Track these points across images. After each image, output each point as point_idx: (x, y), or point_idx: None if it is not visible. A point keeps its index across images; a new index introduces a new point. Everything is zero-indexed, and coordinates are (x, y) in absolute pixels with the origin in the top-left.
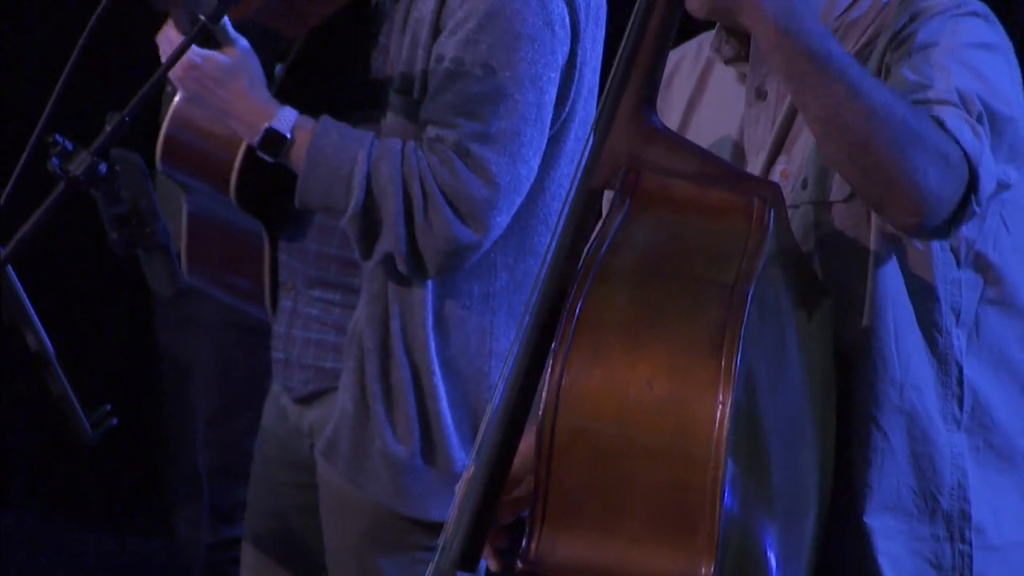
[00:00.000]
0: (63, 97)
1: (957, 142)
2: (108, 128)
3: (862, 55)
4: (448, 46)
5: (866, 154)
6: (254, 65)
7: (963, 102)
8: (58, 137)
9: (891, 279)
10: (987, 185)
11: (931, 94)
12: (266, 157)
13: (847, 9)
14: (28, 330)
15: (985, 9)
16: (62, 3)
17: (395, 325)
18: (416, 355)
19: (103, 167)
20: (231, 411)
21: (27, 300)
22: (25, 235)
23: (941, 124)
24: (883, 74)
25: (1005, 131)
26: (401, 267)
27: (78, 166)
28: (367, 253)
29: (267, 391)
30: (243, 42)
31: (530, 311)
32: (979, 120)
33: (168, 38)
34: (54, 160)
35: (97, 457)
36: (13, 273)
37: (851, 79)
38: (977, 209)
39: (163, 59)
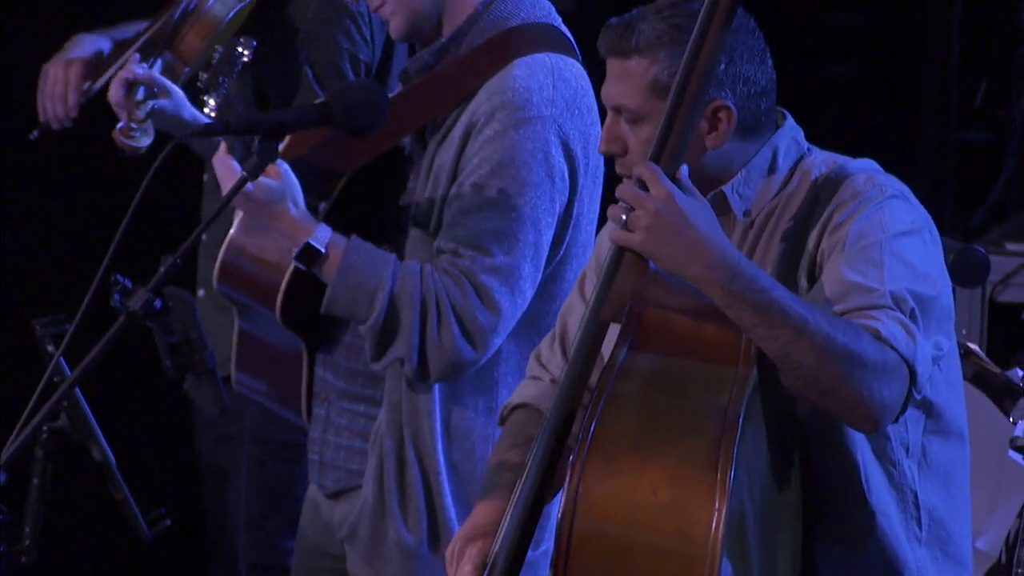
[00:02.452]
0: (122, 241)
1: (894, 348)
2: (162, 269)
3: (799, 228)
4: (464, 187)
5: (818, 382)
6: (294, 185)
7: (896, 304)
8: (119, 277)
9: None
10: (924, 375)
11: (869, 299)
12: (301, 266)
13: (783, 186)
14: (93, 444)
15: (902, 189)
16: (114, 159)
17: (408, 432)
18: (425, 459)
19: (158, 303)
20: (266, 515)
21: (92, 418)
22: (90, 362)
23: (877, 334)
24: (820, 258)
25: (933, 309)
26: (407, 372)
27: (136, 302)
28: (378, 357)
29: (298, 496)
30: (284, 165)
31: (547, 423)
32: (911, 316)
33: (223, 160)
34: (116, 297)
35: (151, 554)
36: (80, 395)
37: (794, 322)
38: (918, 396)
39: (219, 177)
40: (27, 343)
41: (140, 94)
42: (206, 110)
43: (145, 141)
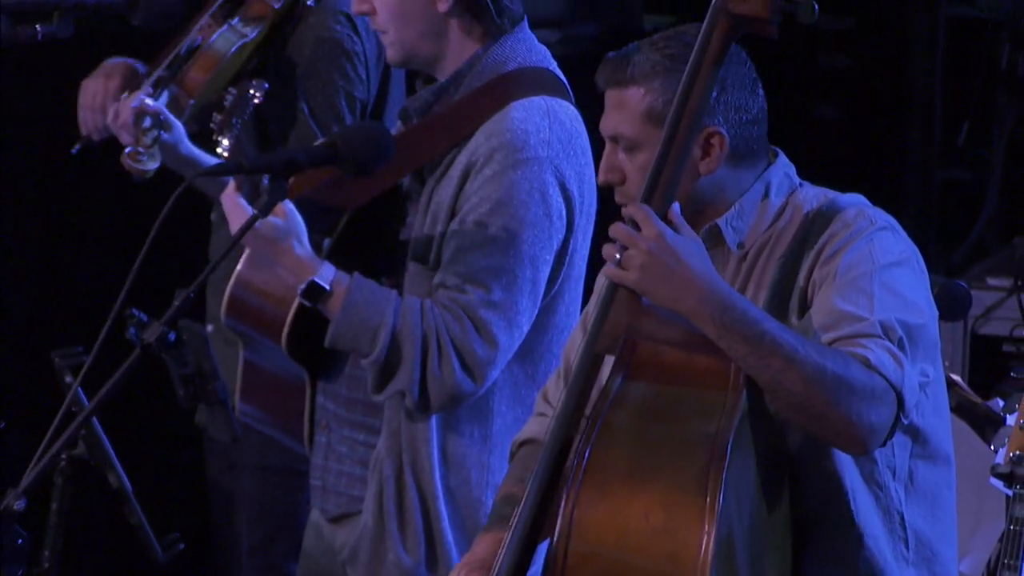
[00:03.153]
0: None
1: (882, 374)
2: (176, 303)
3: (791, 259)
4: (463, 225)
5: (809, 408)
6: (299, 223)
7: (885, 333)
8: (135, 311)
9: (844, 456)
10: (911, 400)
11: (859, 328)
12: (306, 303)
13: (775, 220)
14: (110, 471)
15: (891, 222)
16: (127, 200)
17: (407, 458)
18: (424, 484)
19: (172, 336)
20: (271, 540)
21: (109, 446)
22: (107, 393)
23: (867, 361)
24: (812, 289)
25: (920, 337)
26: (408, 403)
27: (151, 335)
28: (380, 389)
29: (301, 521)
30: (289, 204)
31: (545, 452)
32: (900, 345)
33: (231, 198)
34: (131, 330)
35: None
36: (98, 424)
37: (784, 351)
38: (905, 421)
39: (227, 214)
40: (46, 374)
41: (147, 123)
42: (219, 150)
43: (152, 165)
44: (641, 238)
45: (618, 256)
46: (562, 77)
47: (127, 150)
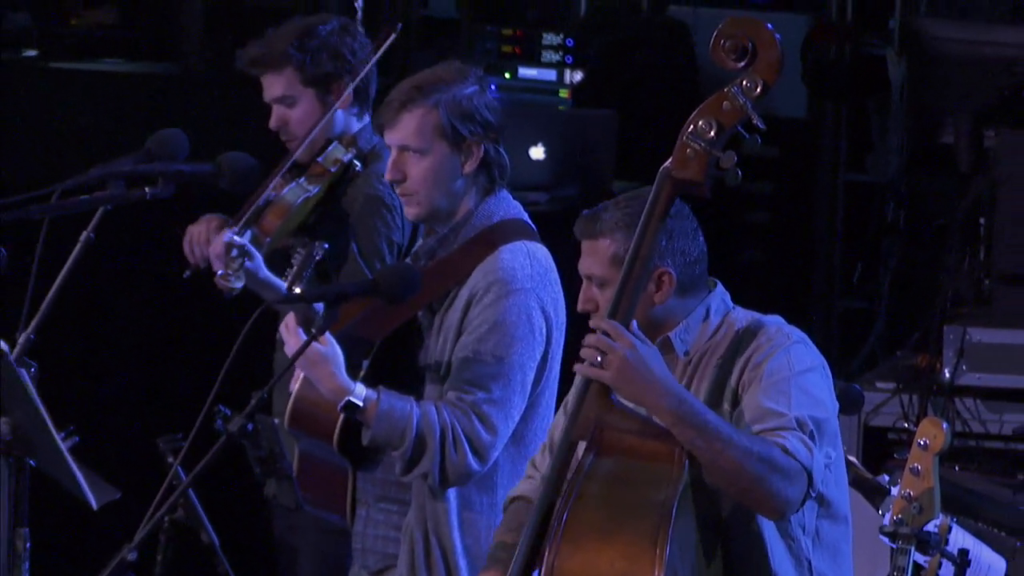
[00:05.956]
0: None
1: (796, 459)
2: (253, 401)
3: (726, 365)
4: (468, 341)
5: (739, 482)
6: (337, 353)
7: (799, 426)
8: (221, 407)
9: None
10: (818, 478)
11: (780, 422)
12: (344, 415)
13: (714, 334)
14: (202, 530)
15: (803, 337)
16: (220, 312)
17: (431, 525)
18: (445, 544)
19: (250, 426)
20: None
21: (201, 511)
22: (200, 469)
23: (784, 448)
24: (741, 388)
25: (826, 428)
26: (430, 482)
27: (234, 425)
28: (407, 472)
29: (346, 573)
30: (329, 336)
31: (534, 512)
32: (811, 435)
33: (287, 324)
34: (218, 422)
35: None
36: (193, 494)
37: (723, 437)
38: (813, 494)
39: (285, 339)
40: (152, 456)
41: (235, 253)
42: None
43: (238, 284)
44: (618, 346)
45: (599, 359)
46: (533, 225)
47: (219, 273)
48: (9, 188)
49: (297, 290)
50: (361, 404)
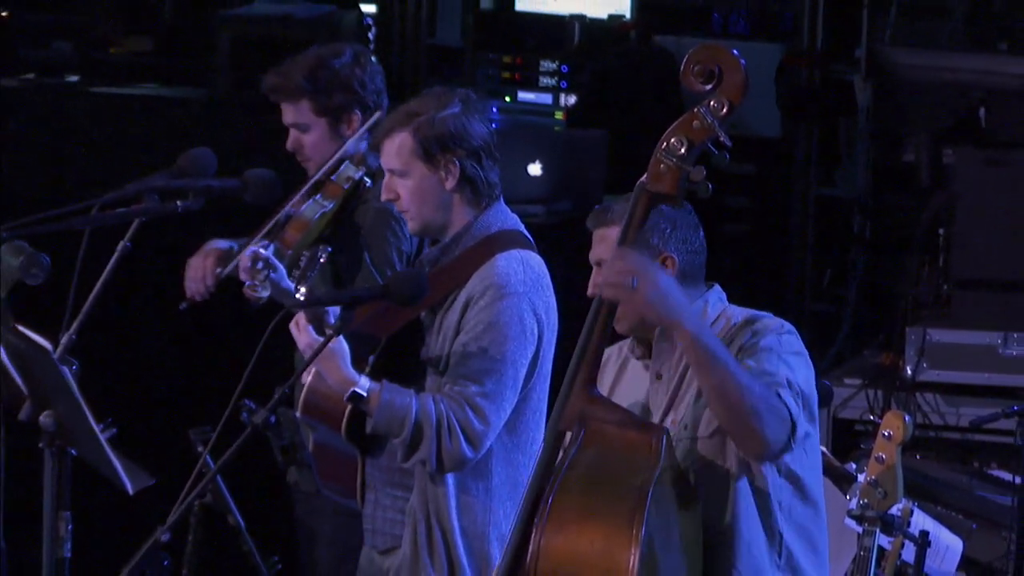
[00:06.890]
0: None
1: (787, 407)
2: (276, 396)
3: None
4: (464, 339)
5: (737, 410)
6: (344, 350)
7: (790, 386)
8: (247, 400)
9: (743, 488)
10: (800, 432)
11: (772, 379)
12: (350, 404)
13: (711, 326)
14: (229, 514)
15: (793, 330)
16: (245, 318)
17: (432, 508)
18: (444, 525)
19: (272, 418)
20: (341, 562)
21: (229, 496)
22: (227, 458)
23: (779, 395)
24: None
25: (808, 403)
26: (428, 469)
27: (258, 418)
28: (406, 459)
29: (359, 553)
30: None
31: (522, 498)
32: (797, 396)
33: (297, 322)
34: (244, 414)
35: None
36: (221, 481)
37: (730, 367)
38: (794, 446)
39: (295, 337)
40: (183, 445)
41: (260, 265)
42: (298, 296)
43: (264, 294)
44: (650, 270)
45: (632, 280)
46: (528, 235)
47: (247, 283)
48: (52, 200)
49: (303, 289)
50: (365, 395)
